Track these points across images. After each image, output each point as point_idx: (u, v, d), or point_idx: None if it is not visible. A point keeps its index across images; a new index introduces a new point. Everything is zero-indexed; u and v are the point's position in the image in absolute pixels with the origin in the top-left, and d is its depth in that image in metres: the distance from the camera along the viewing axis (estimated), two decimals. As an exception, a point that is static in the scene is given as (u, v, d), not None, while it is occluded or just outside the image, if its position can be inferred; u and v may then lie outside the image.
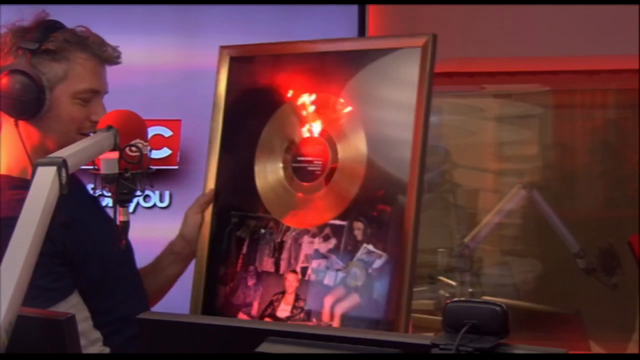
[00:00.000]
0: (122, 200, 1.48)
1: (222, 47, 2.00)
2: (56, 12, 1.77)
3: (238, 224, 1.89)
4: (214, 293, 1.89)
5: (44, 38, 1.68)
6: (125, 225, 1.50)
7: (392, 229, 1.67)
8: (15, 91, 1.65)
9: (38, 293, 1.59)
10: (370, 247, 1.69)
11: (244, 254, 1.87)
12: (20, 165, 1.70)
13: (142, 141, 1.50)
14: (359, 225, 1.72)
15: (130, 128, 1.53)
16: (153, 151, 2.69)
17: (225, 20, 2.89)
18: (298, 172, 1.84)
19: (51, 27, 1.71)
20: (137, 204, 2.85)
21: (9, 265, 1.16)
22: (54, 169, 1.27)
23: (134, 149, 1.48)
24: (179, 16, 2.88)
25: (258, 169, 1.89)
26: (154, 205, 2.88)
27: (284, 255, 1.81)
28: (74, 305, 1.65)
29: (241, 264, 1.87)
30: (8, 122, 1.72)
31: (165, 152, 2.86)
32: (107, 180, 1.45)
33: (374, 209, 1.72)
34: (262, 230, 1.85)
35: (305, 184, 1.83)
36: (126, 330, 1.67)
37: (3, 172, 1.71)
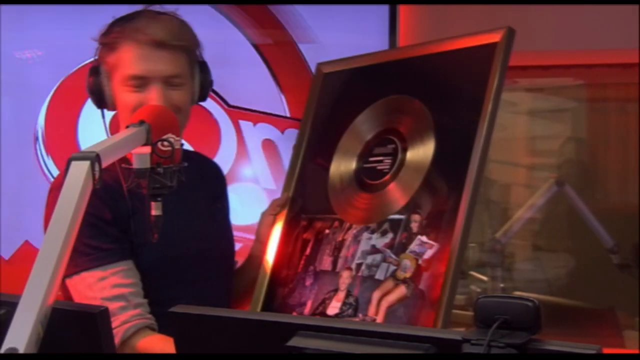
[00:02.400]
0: (154, 194, 1.49)
1: (319, 64, 2.11)
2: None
3: (306, 227, 1.94)
4: (273, 295, 1.92)
5: (108, 32, 1.81)
6: (158, 219, 1.51)
7: (446, 220, 1.68)
8: (88, 84, 1.82)
9: (89, 250, 1.69)
10: (424, 238, 1.71)
11: (307, 255, 1.90)
12: None
13: (173, 136, 1.51)
14: (416, 218, 1.74)
15: (163, 123, 1.53)
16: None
17: (256, 18, 2.92)
18: (367, 171, 1.88)
19: (118, 20, 1.82)
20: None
21: (44, 259, 1.17)
22: (87, 163, 1.28)
23: (166, 143, 1.48)
24: (208, 14, 2.91)
25: (333, 170, 1.95)
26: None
27: (342, 253, 1.83)
28: (124, 270, 1.72)
29: (303, 265, 1.90)
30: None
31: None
32: (139, 175, 1.47)
33: (432, 203, 1.73)
34: (327, 231, 1.89)
35: (372, 182, 1.86)
36: (169, 328, 1.68)
37: None
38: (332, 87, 2.05)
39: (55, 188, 1.75)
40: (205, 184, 1.96)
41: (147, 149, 1.46)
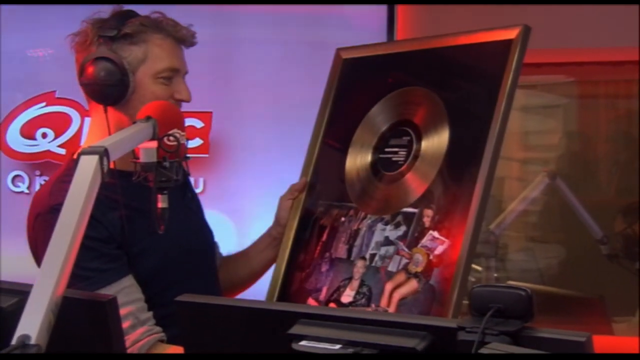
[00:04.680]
0: (161, 187, 1.51)
1: (339, 49, 2.09)
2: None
3: (323, 213, 1.96)
4: (291, 278, 1.94)
5: (121, 25, 1.74)
6: (164, 211, 1.53)
7: (457, 217, 1.69)
8: (101, 77, 1.72)
9: (91, 274, 1.67)
10: (436, 233, 1.71)
11: (324, 242, 1.92)
12: None
13: (179, 131, 1.54)
14: (428, 213, 1.75)
15: (168, 119, 1.56)
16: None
17: (259, 17, 2.95)
18: (383, 162, 1.89)
19: (126, 15, 1.78)
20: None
21: (54, 250, 1.20)
22: (96, 157, 1.31)
23: (171, 138, 1.51)
24: (213, 13, 2.94)
25: (349, 159, 1.96)
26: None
27: (357, 242, 1.85)
28: (126, 287, 1.71)
29: (319, 251, 1.92)
30: (97, 112, 1.78)
31: (197, 141, 2.93)
32: (146, 168, 1.49)
33: (444, 197, 1.74)
34: (343, 219, 1.90)
35: (387, 173, 1.87)
36: (173, 328, 1.67)
37: None
38: (350, 73, 2.06)
39: (46, 212, 1.71)
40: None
41: (154, 144, 1.49)
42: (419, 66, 1.94)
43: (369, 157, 1.93)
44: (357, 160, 1.95)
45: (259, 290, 2.08)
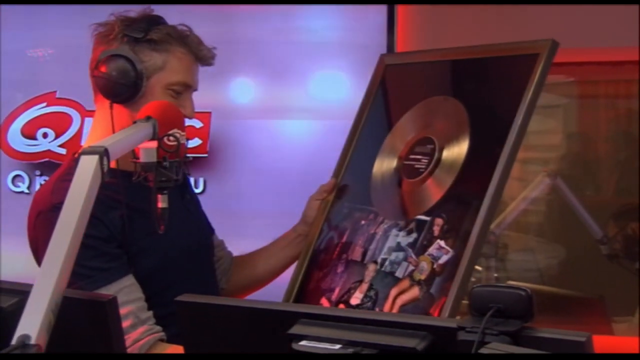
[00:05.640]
0: (161, 187, 1.51)
1: (382, 55, 2.13)
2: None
3: (347, 215, 1.99)
4: (310, 276, 1.97)
5: (149, 29, 1.76)
6: (164, 211, 1.53)
7: (464, 229, 1.70)
8: (116, 75, 1.73)
9: (92, 273, 1.67)
10: (442, 243, 1.73)
11: (343, 243, 1.95)
12: None
13: (179, 131, 1.54)
14: (439, 222, 1.77)
15: (168, 118, 1.57)
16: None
17: (259, 16, 2.96)
18: (405, 168, 1.91)
19: (155, 20, 1.79)
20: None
21: (54, 250, 1.21)
22: (96, 157, 1.31)
23: (171, 138, 1.52)
24: (213, 13, 2.95)
25: (377, 164, 1.99)
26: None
27: (372, 246, 1.87)
28: (127, 286, 1.71)
29: (338, 252, 1.94)
30: (103, 106, 1.79)
31: (196, 141, 2.94)
32: (146, 168, 1.50)
33: (455, 208, 1.76)
34: (363, 222, 1.93)
35: (407, 180, 1.89)
36: (172, 327, 1.68)
37: None
38: (390, 80, 2.09)
39: (47, 210, 1.71)
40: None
41: (154, 144, 1.50)
42: (451, 76, 1.98)
43: (394, 163, 1.95)
44: (384, 165, 1.98)
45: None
